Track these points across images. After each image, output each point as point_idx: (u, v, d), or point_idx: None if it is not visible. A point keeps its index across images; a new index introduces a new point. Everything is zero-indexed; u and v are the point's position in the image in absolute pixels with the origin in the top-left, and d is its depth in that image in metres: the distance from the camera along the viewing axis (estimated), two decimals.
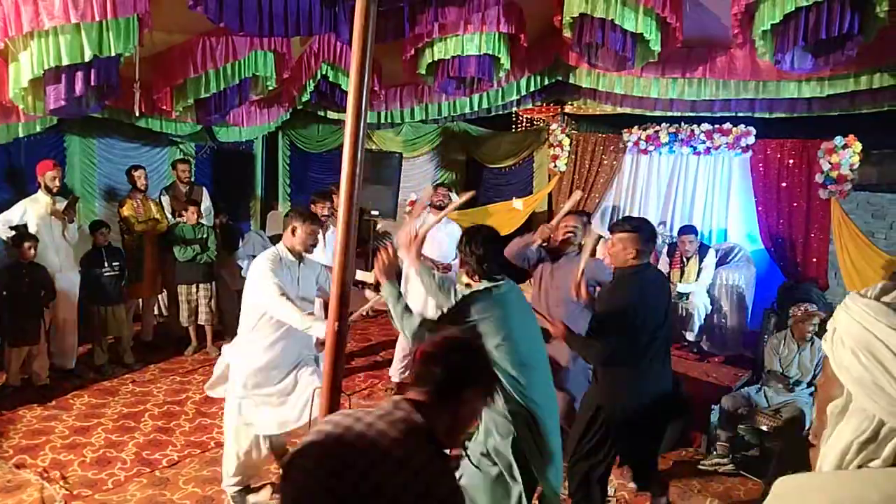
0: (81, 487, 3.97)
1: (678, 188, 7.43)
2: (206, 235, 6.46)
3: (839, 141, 6.08)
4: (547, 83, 6.45)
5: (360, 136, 1.43)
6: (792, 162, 6.56)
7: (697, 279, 6.47)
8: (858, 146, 6.04)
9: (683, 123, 7.15)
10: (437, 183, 7.51)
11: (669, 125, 7.24)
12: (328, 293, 2.81)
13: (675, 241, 6.72)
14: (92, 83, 4.19)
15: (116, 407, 5.20)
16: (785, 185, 6.60)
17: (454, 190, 8.96)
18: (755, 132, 6.74)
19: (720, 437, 4.63)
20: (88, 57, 3.90)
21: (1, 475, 4.06)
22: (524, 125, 10.27)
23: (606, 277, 3.89)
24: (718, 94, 5.69)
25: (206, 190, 7.34)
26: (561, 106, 8.51)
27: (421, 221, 5.98)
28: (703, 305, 6.49)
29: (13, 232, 5.40)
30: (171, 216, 6.79)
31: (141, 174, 6.49)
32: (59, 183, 5.74)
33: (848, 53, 4.15)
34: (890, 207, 6.75)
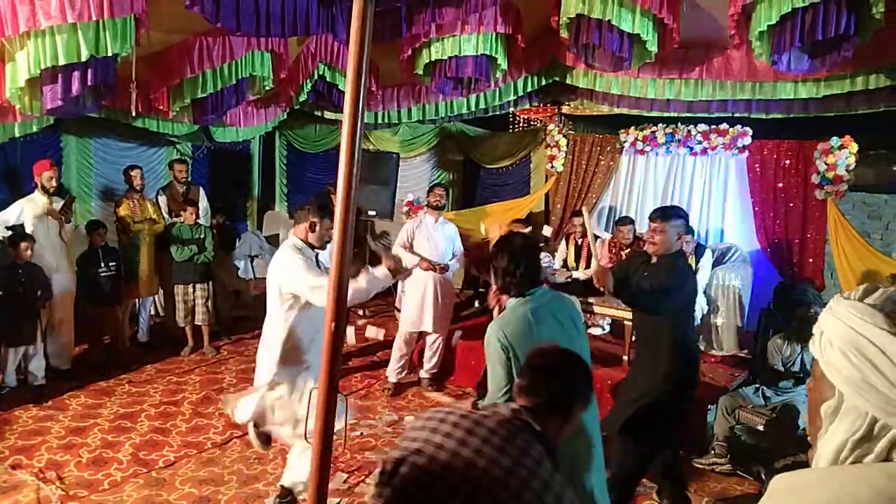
0: (77, 488, 3.96)
1: (675, 188, 7.42)
2: (203, 236, 6.46)
3: (835, 142, 6.09)
4: (544, 83, 6.46)
5: (357, 136, 1.43)
6: (788, 162, 6.57)
7: None
8: (855, 147, 6.05)
9: (680, 124, 7.16)
10: (433, 183, 7.51)
11: (666, 126, 7.24)
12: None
13: None
14: (89, 83, 4.19)
15: (113, 407, 5.19)
16: (781, 185, 6.60)
17: (451, 190, 9.03)
18: (752, 133, 6.74)
19: (717, 436, 4.64)
20: (85, 57, 3.90)
21: None
22: (521, 125, 10.29)
23: None
24: (715, 94, 5.71)
25: (202, 190, 7.34)
26: (558, 106, 8.52)
27: (418, 222, 6.02)
28: (699, 305, 6.49)
29: (10, 232, 5.40)
30: (167, 216, 6.79)
31: (137, 174, 6.48)
32: (55, 183, 5.74)
33: (844, 54, 4.17)
34: (886, 208, 6.76)
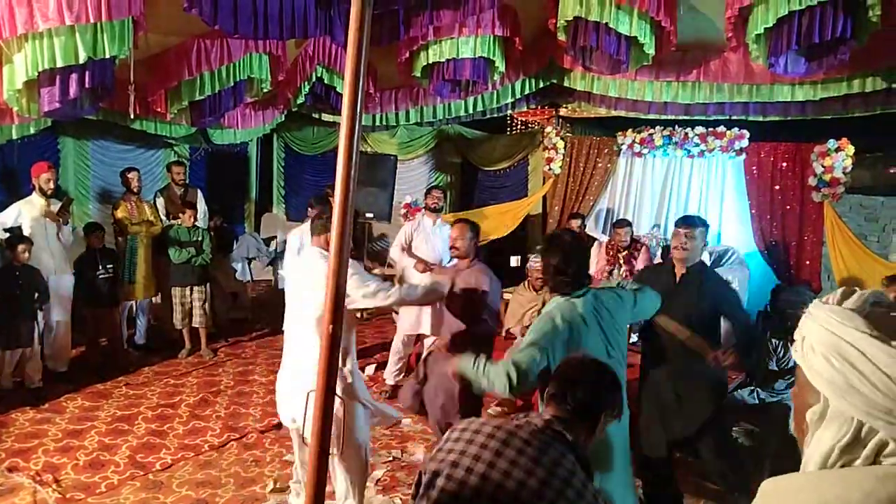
0: (74, 491, 3.94)
1: (672, 191, 7.44)
2: (200, 238, 6.45)
3: (832, 144, 6.11)
4: (542, 86, 6.47)
5: (354, 138, 1.43)
6: (785, 165, 6.59)
7: None
8: (851, 149, 6.07)
9: (678, 126, 7.18)
10: (431, 185, 7.52)
11: (664, 128, 7.26)
12: None
13: (669, 243, 6.72)
14: (86, 85, 4.19)
15: (110, 410, 5.18)
16: (778, 187, 6.62)
17: (449, 193, 9.04)
18: (749, 135, 6.77)
19: None
20: (83, 59, 3.90)
21: None
22: (519, 128, 10.31)
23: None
24: (712, 97, 5.73)
25: (200, 192, 7.33)
26: (556, 109, 8.54)
27: (416, 224, 6.03)
28: None
29: (7, 234, 5.38)
30: (165, 218, 6.79)
31: (135, 176, 6.47)
32: (53, 185, 5.73)
33: (841, 57, 4.19)
34: (883, 210, 6.79)
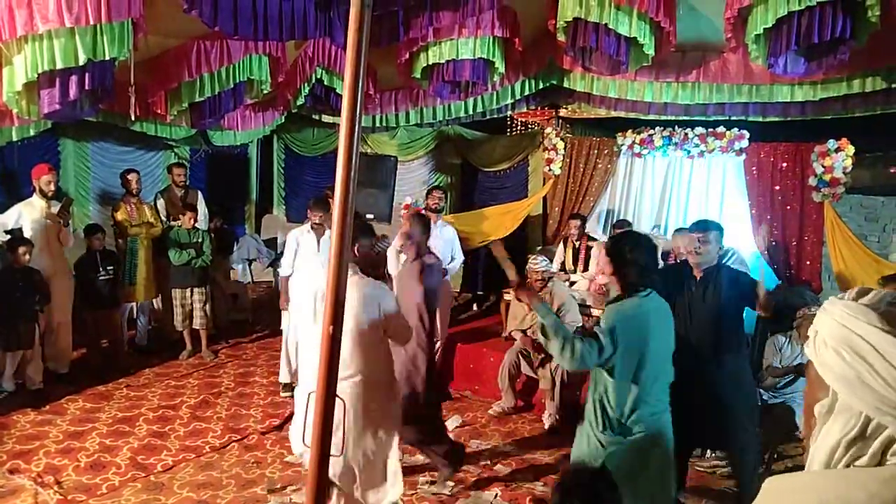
0: (76, 492, 3.95)
1: (672, 191, 7.43)
2: (201, 239, 6.45)
3: (832, 144, 6.10)
4: (541, 87, 6.47)
5: (354, 139, 1.43)
6: (785, 165, 6.57)
7: None
8: (851, 149, 6.05)
9: (677, 127, 7.16)
10: (431, 186, 7.51)
11: (663, 129, 7.25)
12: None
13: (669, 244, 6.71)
14: (86, 87, 4.19)
15: (111, 411, 5.18)
16: (778, 188, 6.61)
17: (449, 193, 9.03)
18: (749, 135, 6.75)
19: None
20: (83, 61, 3.90)
21: None
22: (519, 129, 10.31)
23: None
24: (712, 97, 5.72)
25: (201, 194, 7.34)
26: (555, 109, 8.53)
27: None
28: None
29: (8, 236, 5.39)
30: (165, 220, 6.79)
31: (135, 178, 6.48)
32: (54, 187, 5.74)
33: (840, 57, 4.19)
34: (883, 210, 6.78)
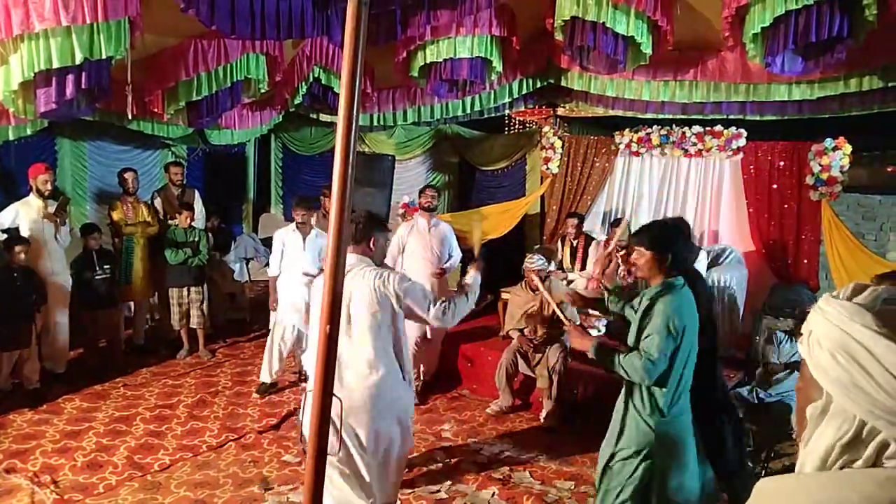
0: (72, 492, 3.94)
1: (670, 190, 7.44)
2: (197, 238, 6.44)
3: (829, 143, 6.11)
4: (539, 86, 6.47)
5: (351, 138, 1.43)
6: (783, 164, 6.58)
7: None
8: (848, 148, 6.06)
9: (675, 126, 7.17)
10: (425, 185, 7.49)
11: (661, 127, 7.26)
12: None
13: None
14: (83, 86, 4.18)
15: (108, 411, 5.18)
16: (776, 186, 6.62)
17: (447, 192, 9.03)
18: (746, 134, 6.76)
19: None
20: (79, 60, 3.89)
21: None
22: (516, 128, 10.30)
23: None
24: (709, 96, 5.73)
25: (197, 193, 7.32)
26: (553, 108, 8.53)
27: (411, 225, 6.02)
28: None
29: (4, 235, 5.38)
30: (163, 219, 6.78)
31: (131, 177, 6.47)
32: (51, 186, 5.72)
33: (837, 56, 4.20)
34: (880, 209, 6.80)
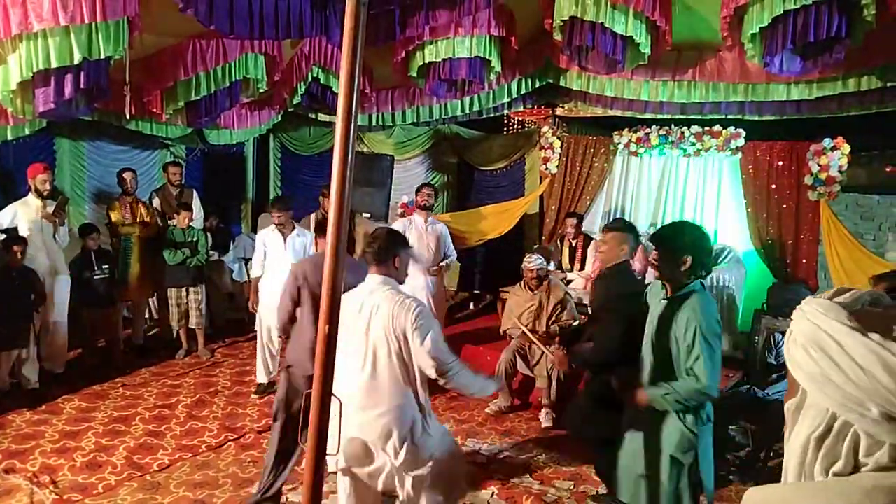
0: (71, 492, 3.94)
1: (668, 190, 7.45)
2: (195, 239, 6.44)
3: (828, 143, 6.11)
4: (538, 86, 6.47)
5: (350, 138, 1.43)
6: (781, 164, 6.59)
7: None
8: (847, 148, 6.07)
9: (674, 126, 7.18)
10: (422, 183, 7.47)
11: (660, 127, 7.26)
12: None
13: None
14: (81, 86, 4.17)
15: (107, 411, 5.18)
16: (774, 186, 6.62)
17: (446, 192, 9.03)
18: (745, 134, 6.77)
19: None
20: (78, 59, 3.88)
21: None
22: (515, 128, 10.29)
23: None
24: (708, 96, 5.73)
25: (196, 193, 7.32)
26: (552, 108, 8.52)
27: (408, 224, 6.02)
28: None
29: (3, 235, 5.37)
30: (161, 219, 6.78)
31: (130, 177, 6.47)
32: (49, 186, 5.73)
33: (836, 56, 4.19)
34: (879, 209, 6.80)
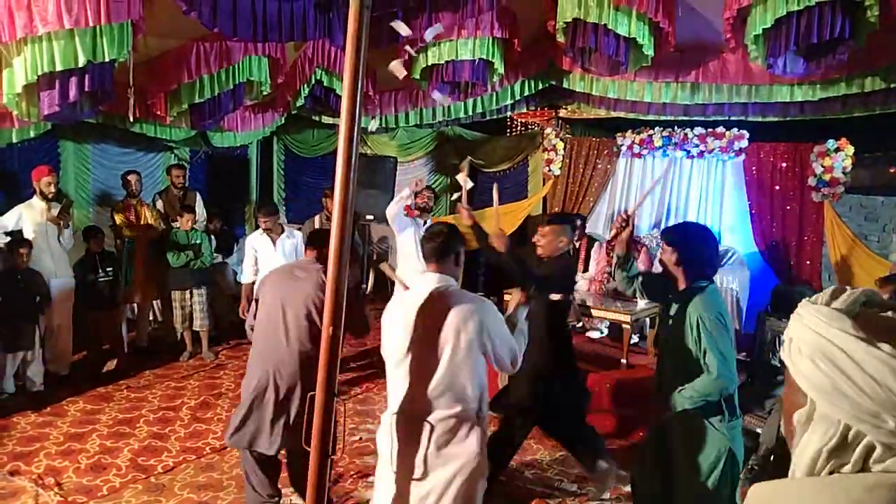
0: (76, 494, 3.95)
1: (672, 191, 7.45)
2: (199, 241, 6.45)
3: (831, 144, 6.11)
4: (541, 87, 6.48)
5: (354, 140, 1.43)
6: (785, 165, 6.59)
7: None
8: (850, 149, 6.07)
9: (677, 127, 7.18)
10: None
11: (663, 129, 7.27)
12: None
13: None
14: (86, 89, 4.19)
15: (111, 413, 5.18)
16: (778, 188, 6.62)
17: (449, 195, 9.04)
18: (748, 135, 6.77)
19: None
20: (82, 62, 3.90)
21: None
22: (518, 129, 10.30)
23: None
24: (711, 98, 5.73)
25: (199, 195, 7.34)
26: (555, 110, 8.54)
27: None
28: None
29: (8, 238, 5.39)
30: (165, 221, 6.79)
31: (134, 179, 6.49)
32: (54, 189, 5.74)
33: (839, 57, 4.19)
34: (882, 210, 6.79)
